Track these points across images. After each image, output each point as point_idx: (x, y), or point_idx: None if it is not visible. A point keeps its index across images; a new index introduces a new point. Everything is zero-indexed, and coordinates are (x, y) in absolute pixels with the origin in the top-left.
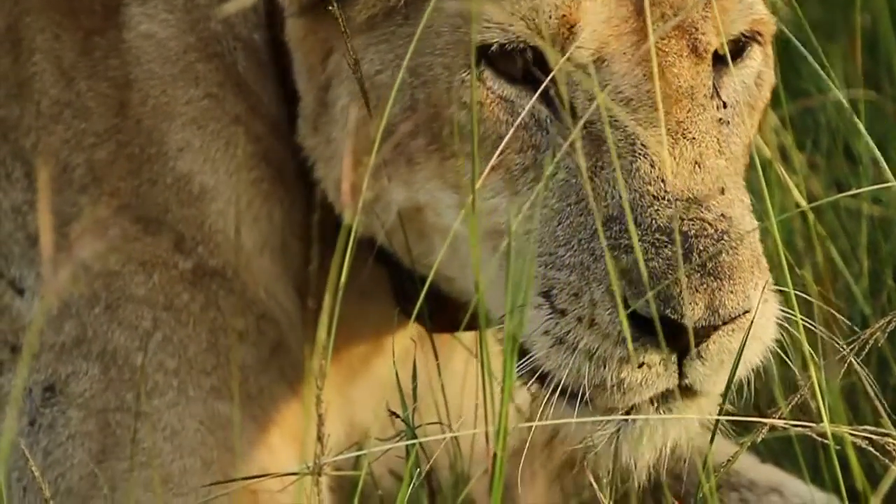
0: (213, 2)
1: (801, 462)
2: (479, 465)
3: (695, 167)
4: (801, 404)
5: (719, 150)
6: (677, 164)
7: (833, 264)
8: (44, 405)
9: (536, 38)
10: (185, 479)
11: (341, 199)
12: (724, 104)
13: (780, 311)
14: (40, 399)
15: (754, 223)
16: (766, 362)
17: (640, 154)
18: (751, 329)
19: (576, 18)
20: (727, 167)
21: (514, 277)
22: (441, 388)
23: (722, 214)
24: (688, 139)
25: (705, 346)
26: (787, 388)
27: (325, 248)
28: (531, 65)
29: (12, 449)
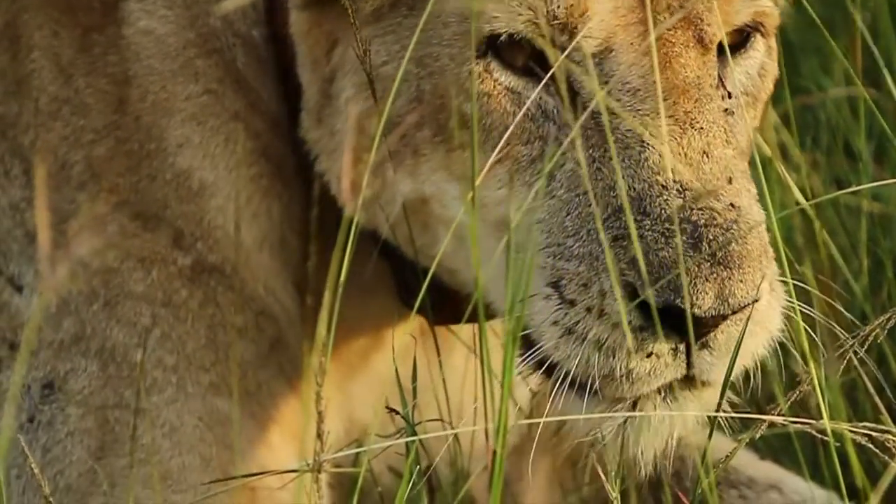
0: None
1: (801, 459)
2: (479, 461)
3: (703, 157)
4: (800, 401)
5: (726, 140)
6: (685, 155)
7: (833, 261)
8: (42, 402)
9: (543, 27)
10: (183, 476)
11: (342, 194)
12: (729, 94)
13: (786, 301)
14: (39, 396)
15: (761, 213)
16: (771, 353)
17: (648, 144)
18: (756, 319)
19: (584, 8)
20: (734, 157)
21: (520, 269)
22: (443, 384)
23: (731, 204)
24: (695, 129)
25: (713, 335)
26: (786, 384)
27: (325, 243)
28: (538, 56)
29: (11, 446)
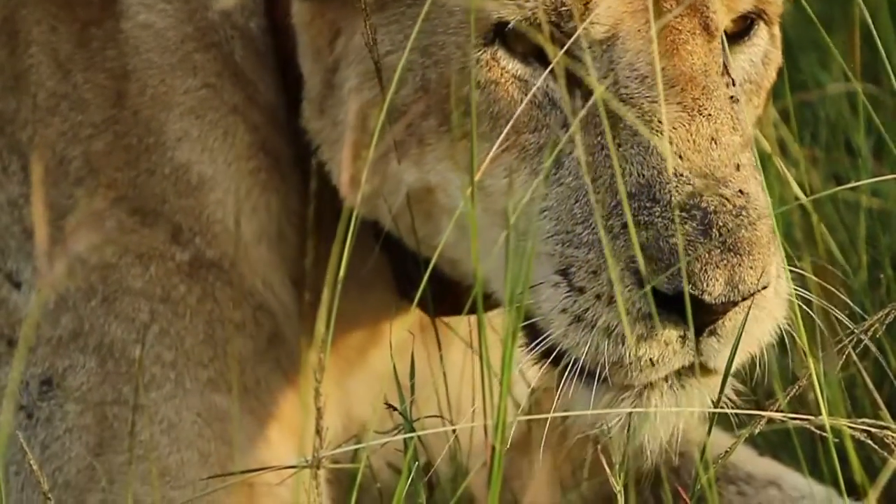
0: None
1: (800, 455)
2: (478, 457)
3: (711, 144)
4: (799, 396)
5: (733, 126)
6: (694, 141)
7: (832, 257)
8: (41, 399)
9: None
10: (182, 472)
11: (342, 187)
12: (734, 82)
13: (792, 289)
14: (37, 392)
15: (768, 199)
16: (771, 347)
17: (656, 131)
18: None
19: None
20: (741, 144)
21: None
22: (443, 379)
23: (740, 190)
24: (704, 116)
25: (721, 322)
26: (785, 380)
27: (323, 236)
28: (546, 42)
29: (10, 442)
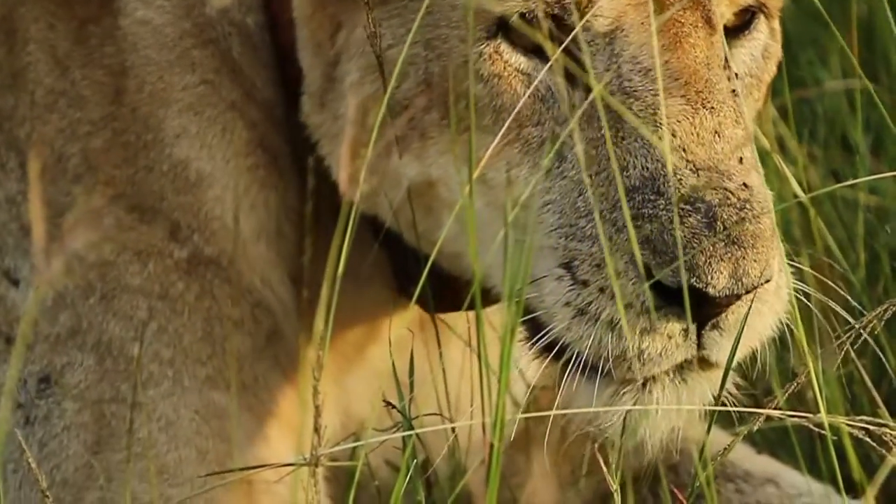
0: None
1: (798, 452)
2: (477, 455)
3: (715, 136)
4: (797, 394)
5: (736, 119)
6: (698, 134)
7: (830, 254)
8: (39, 396)
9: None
10: (180, 470)
11: (340, 186)
12: (736, 75)
13: (793, 283)
14: (35, 390)
15: (770, 193)
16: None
17: (660, 124)
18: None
19: None
20: (744, 137)
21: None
22: (443, 376)
23: (744, 183)
24: (707, 109)
25: (724, 316)
26: (783, 377)
27: (322, 232)
28: (550, 35)
29: (8, 440)
